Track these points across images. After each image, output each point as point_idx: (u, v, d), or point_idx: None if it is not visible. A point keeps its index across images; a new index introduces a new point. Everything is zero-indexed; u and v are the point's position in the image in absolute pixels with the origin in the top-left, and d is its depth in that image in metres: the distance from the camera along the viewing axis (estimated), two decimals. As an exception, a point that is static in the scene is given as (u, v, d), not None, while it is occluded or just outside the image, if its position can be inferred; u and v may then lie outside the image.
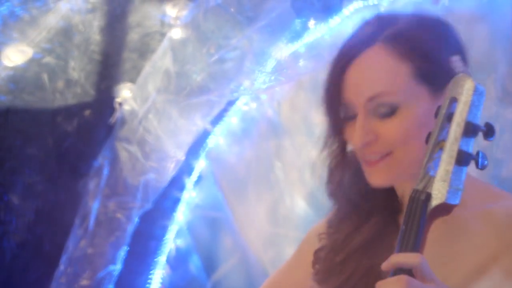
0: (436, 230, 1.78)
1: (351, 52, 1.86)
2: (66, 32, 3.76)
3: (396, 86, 1.83)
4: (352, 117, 1.88)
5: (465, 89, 1.64)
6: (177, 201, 3.87)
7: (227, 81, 3.57)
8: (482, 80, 3.46)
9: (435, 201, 1.62)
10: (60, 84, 3.81)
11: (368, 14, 3.50)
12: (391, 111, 1.84)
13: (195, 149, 3.81)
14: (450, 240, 1.86)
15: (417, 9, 2.03)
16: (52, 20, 3.72)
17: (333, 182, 1.98)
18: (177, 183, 3.84)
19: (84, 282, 3.76)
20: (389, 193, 1.94)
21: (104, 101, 3.81)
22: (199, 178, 3.88)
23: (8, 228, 3.82)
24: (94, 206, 3.75)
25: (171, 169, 3.71)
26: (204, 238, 3.90)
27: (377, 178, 1.87)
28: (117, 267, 3.77)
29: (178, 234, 3.89)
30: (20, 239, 3.83)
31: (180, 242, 3.89)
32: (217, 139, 3.83)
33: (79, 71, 3.80)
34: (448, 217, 1.75)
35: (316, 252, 2.03)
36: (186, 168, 3.83)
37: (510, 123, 3.38)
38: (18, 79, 3.77)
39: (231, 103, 3.76)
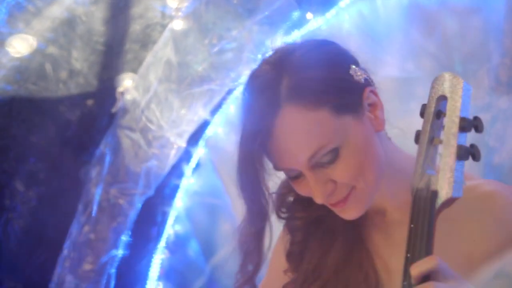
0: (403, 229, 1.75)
1: (262, 126, 1.75)
2: (69, 23, 3.74)
3: (326, 134, 1.75)
4: (296, 176, 1.79)
5: (456, 87, 1.63)
6: (176, 188, 3.86)
7: (227, 71, 3.56)
8: (475, 70, 3.46)
9: (442, 197, 1.60)
10: (64, 74, 3.79)
11: (364, 7, 3.54)
12: (334, 156, 1.76)
13: (194, 137, 3.80)
14: (443, 233, 1.79)
15: (294, 42, 1.89)
16: (56, 11, 3.70)
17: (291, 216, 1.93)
18: (176, 171, 3.83)
19: (87, 266, 3.75)
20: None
21: (106, 91, 3.80)
22: (198, 166, 3.86)
23: (12, 214, 3.80)
24: (96, 192, 3.74)
25: (172, 156, 3.70)
26: (202, 223, 3.88)
27: (351, 213, 1.81)
28: (119, 252, 3.76)
29: (178, 220, 3.88)
30: (24, 225, 3.81)
31: (179, 228, 3.88)
32: (216, 128, 3.82)
33: (82, 62, 3.79)
34: None
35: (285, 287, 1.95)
36: (185, 156, 3.81)
37: (503, 112, 3.37)
38: (23, 69, 3.75)
39: (229, 92, 3.74)
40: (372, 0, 3.54)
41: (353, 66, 1.80)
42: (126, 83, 3.74)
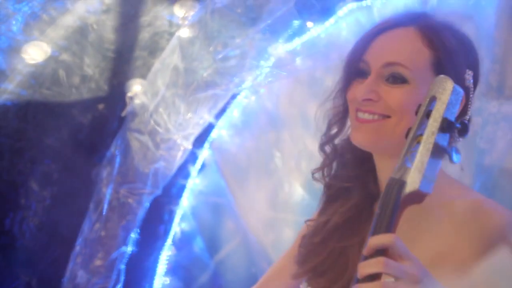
0: (407, 223, 1.78)
1: (387, 24, 1.90)
2: (82, 31, 3.74)
3: (414, 64, 1.86)
4: (363, 76, 1.90)
5: (444, 89, 1.64)
6: (182, 188, 3.86)
7: (231, 76, 3.56)
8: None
9: (408, 188, 1.60)
10: (76, 79, 3.80)
11: (361, 15, 3.54)
12: (401, 82, 1.86)
13: (199, 139, 3.80)
14: (412, 227, 1.86)
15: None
16: (69, 20, 3.70)
17: (329, 137, 1.99)
18: (182, 171, 3.83)
19: (98, 262, 3.75)
20: (371, 179, 1.96)
21: (116, 96, 3.80)
22: (203, 167, 3.87)
23: (28, 212, 3.80)
24: (107, 192, 3.74)
25: (179, 157, 3.70)
26: (207, 222, 3.89)
27: (362, 135, 1.88)
28: (128, 249, 3.76)
29: (183, 218, 3.88)
30: (39, 222, 3.81)
31: (185, 226, 3.88)
32: (220, 131, 3.82)
33: (93, 68, 3.79)
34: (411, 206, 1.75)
35: (303, 237, 2.04)
36: (191, 157, 3.82)
37: (493, 115, 3.38)
38: (37, 75, 3.75)
39: (233, 97, 3.75)
40: (368, 9, 3.54)
41: (471, 73, 1.91)
42: (136, 88, 3.73)
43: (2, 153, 3.77)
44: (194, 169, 3.85)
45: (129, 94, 3.74)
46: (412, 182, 1.59)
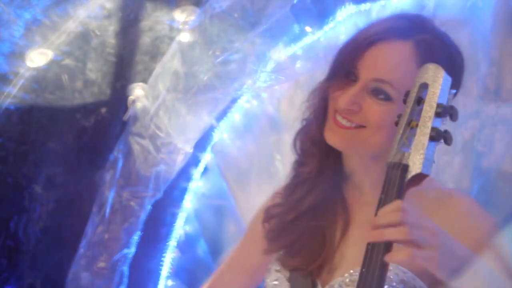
0: (360, 212, 1.93)
1: (386, 33, 1.88)
2: (84, 36, 3.75)
3: (403, 85, 1.85)
4: (350, 78, 1.91)
5: (437, 76, 1.68)
6: (185, 190, 3.86)
7: (231, 80, 3.56)
8: (465, 79, 3.43)
9: (412, 171, 1.64)
10: (79, 84, 3.80)
11: (359, 20, 3.53)
12: (384, 99, 1.87)
13: (201, 143, 3.80)
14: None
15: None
16: (71, 25, 3.70)
17: (301, 130, 2.02)
18: (185, 174, 3.83)
19: (101, 264, 3.75)
20: (338, 165, 1.99)
21: (119, 100, 3.80)
22: (205, 170, 3.87)
23: (32, 215, 3.81)
24: (110, 195, 3.74)
25: (180, 161, 3.70)
26: (210, 224, 3.88)
27: (337, 139, 1.91)
28: (131, 251, 3.76)
29: (187, 221, 3.88)
30: (43, 225, 3.82)
31: (188, 228, 3.88)
32: (222, 134, 3.81)
33: (96, 72, 3.79)
34: (370, 201, 1.82)
35: (268, 209, 2.04)
36: (193, 161, 3.82)
37: (490, 118, 3.36)
38: (40, 79, 3.76)
39: (234, 100, 3.74)
40: (367, 14, 3.53)
41: (454, 92, 1.85)
42: (137, 92, 3.73)
43: (6, 156, 3.78)
44: (196, 172, 3.85)
45: (131, 98, 3.74)
46: (414, 165, 1.64)
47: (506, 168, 3.32)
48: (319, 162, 2.00)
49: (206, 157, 3.85)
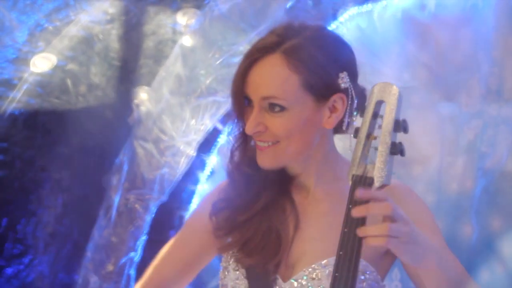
0: (327, 203, 2.02)
1: (256, 54, 1.99)
2: (87, 41, 3.75)
3: (286, 92, 1.97)
4: (249, 108, 2.00)
5: (392, 94, 1.77)
6: (192, 193, 3.86)
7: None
8: (467, 79, 3.41)
9: (377, 183, 1.77)
10: (83, 88, 3.80)
11: (361, 21, 3.50)
12: (280, 111, 1.97)
13: (207, 146, 3.79)
14: (325, 215, 2.04)
15: (321, 24, 2.10)
16: (74, 31, 3.70)
17: (232, 161, 2.08)
18: (192, 177, 3.83)
19: (108, 267, 3.75)
20: (282, 171, 2.09)
21: (124, 103, 3.79)
22: (212, 173, 3.86)
23: (40, 219, 3.81)
24: (116, 198, 3.74)
25: (183, 163, 3.70)
26: (217, 227, 3.86)
27: (265, 161, 2.01)
28: (137, 254, 3.75)
29: (194, 223, 3.86)
30: (51, 229, 3.82)
31: (195, 231, 3.86)
32: (227, 136, 3.80)
33: (100, 76, 3.79)
34: (336, 191, 2.00)
35: (216, 204, 2.10)
36: (199, 164, 3.81)
37: (493, 118, 3.33)
38: (45, 84, 3.76)
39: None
40: (369, 14, 3.51)
41: (345, 73, 1.98)
42: (142, 95, 3.72)
43: (13, 161, 3.78)
44: (203, 175, 3.85)
45: (135, 102, 3.73)
46: (379, 177, 1.77)
47: (509, 168, 3.29)
48: (264, 177, 2.08)
49: (212, 160, 3.83)
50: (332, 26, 3.54)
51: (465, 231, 3.32)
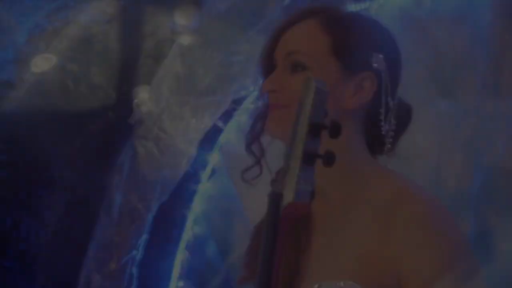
0: (322, 220, 1.81)
1: (289, 21, 1.90)
2: (87, 42, 3.75)
3: (312, 50, 1.83)
4: (273, 68, 1.89)
5: (307, 90, 1.46)
6: (194, 192, 3.84)
7: (232, 82, 3.54)
8: (464, 76, 3.39)
9: (285, 201, 1.44)
10: (84, 88, 3.80)
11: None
12: (300, 69, 1.83)
13: (208, 145, 3.77)
14: (338, 228, 1.82)
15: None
16: (73, 31, 3.70)
17: (252, 133, 1.97)
18: (193, 177, 3.81)
19: (110, 266, 3.76)
20: None
21: (125, 103, 3.80)
22: (213, 172, 3.85)
23: (42, 219, 3.82)
24: (117, 198, 3.74)
25: (184, 163, 3.69)
26: (219, 225, 3.87)
27: (271, 125, 1.85)
28: (139, 252, 3.76)
29: (196, 222, 3.86)
30: (53, 229, 3.83)
31: (197, 230, 3.86)
32: (229, 136, 3.79)
33: (100, 76, 3.79)
34: (333, 206, 1.80)
35: (256, 226, 1.99)
36: (201, 163, 3.80)
37: (490, 115, 3.31)
38: (45, 84, 3.78)
39: (239, 103, 3.71)
40: (366, 12, 3.48)
41: (381, 56, 1.82)
42: (142, 95, 3.73)
43: (14, 161, 3.79)
44: (205, 174, 3.84)
45: (136, 101, 3.73)
46: (288, 194, 1.43)
47: (507, 164, 3.27)
48: None
49: (214, 159, 3.82)
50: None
51: (463, 227, 3.29)
